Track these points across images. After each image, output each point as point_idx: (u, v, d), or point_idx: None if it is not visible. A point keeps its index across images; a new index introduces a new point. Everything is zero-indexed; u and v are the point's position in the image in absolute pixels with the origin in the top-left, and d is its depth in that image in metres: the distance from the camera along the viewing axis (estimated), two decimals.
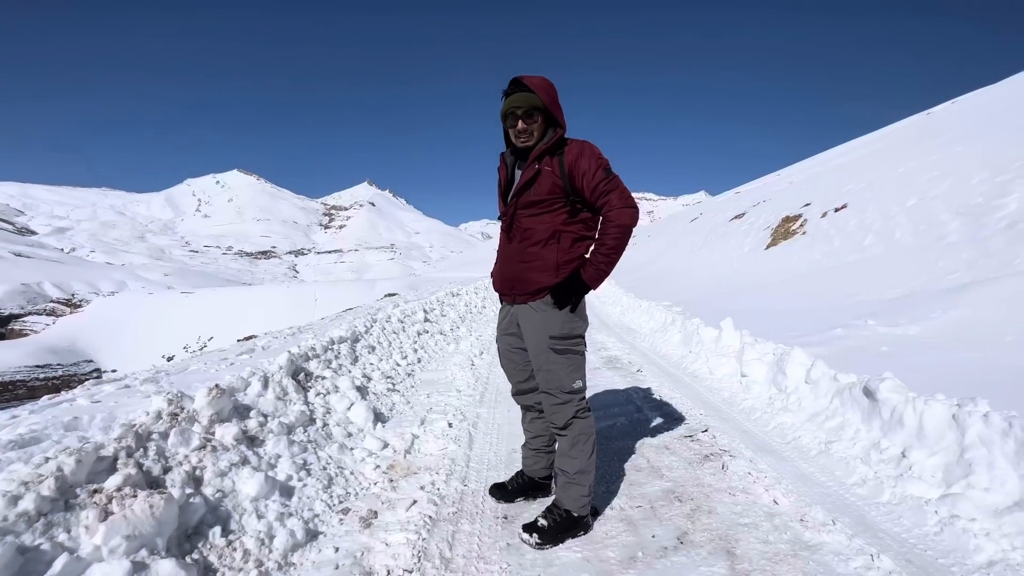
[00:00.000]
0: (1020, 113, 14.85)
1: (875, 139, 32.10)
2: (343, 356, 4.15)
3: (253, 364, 3.42)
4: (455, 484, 2.49)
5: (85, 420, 2.21)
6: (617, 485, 2.44)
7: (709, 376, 4.32)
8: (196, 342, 33.46)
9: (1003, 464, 2.08)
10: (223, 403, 2.43)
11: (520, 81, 1.86)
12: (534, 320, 1.99)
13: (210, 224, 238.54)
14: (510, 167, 2.03)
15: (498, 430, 3.25)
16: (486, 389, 4.21)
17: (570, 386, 1.99)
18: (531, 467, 2.31)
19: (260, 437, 2.48)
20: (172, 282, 64.92)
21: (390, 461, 2.74)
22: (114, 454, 1.86)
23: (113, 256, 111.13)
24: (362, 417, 3.13)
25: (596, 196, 1.85)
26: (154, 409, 2.24)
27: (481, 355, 5.61)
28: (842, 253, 10.85)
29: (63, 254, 75.64)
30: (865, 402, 2.82)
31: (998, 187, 9.21)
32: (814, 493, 2.30)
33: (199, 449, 2.15)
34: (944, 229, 8.93)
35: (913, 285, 7.24)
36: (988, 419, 2.22)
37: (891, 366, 3.40)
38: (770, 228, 15.98)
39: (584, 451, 2.00)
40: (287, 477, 2.30)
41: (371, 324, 5.49)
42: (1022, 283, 4.95)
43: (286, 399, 2.92)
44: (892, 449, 2.50)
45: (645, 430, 3.16)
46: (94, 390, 2.93)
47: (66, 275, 48.33)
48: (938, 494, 2.16)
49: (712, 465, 2.61)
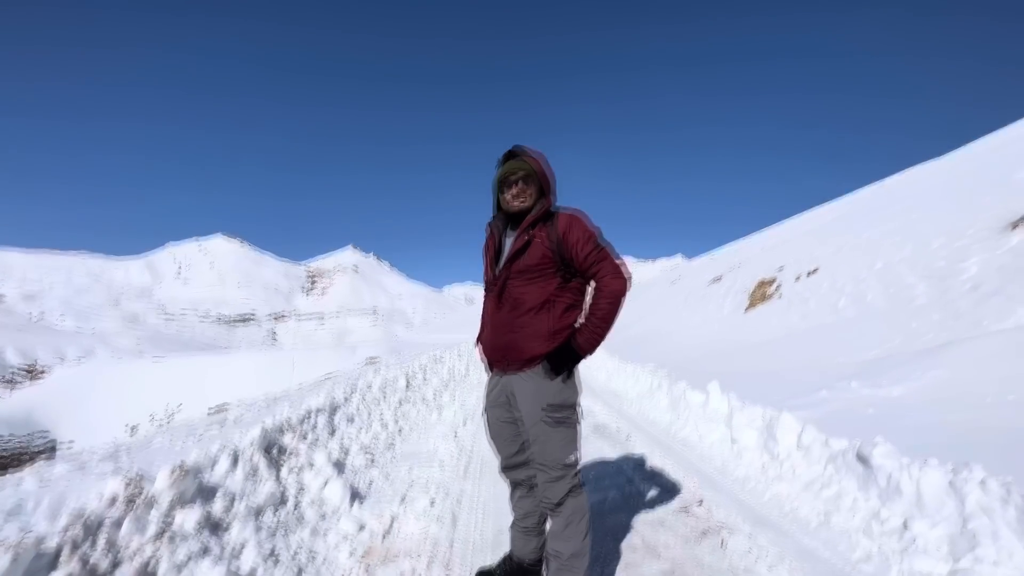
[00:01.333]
0: (966, 183, 16.04)
1: (836, 207, 34.08)
2: (320, 428, 3.95)
3: (223, 438, 3.22)
4: (438, 570, 2.29)
5: (30, 506, 2.01)
6: (612, 567, 2.27)
7: (699, 443, 4.21)
8: (164, 411, 31.76)
9: (1007, 534, 2.02)
10: (186, 484, 2.26)
11: (519, 150, 1.95)
12: (527, 389, 1.93)
13: (190, 289, 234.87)
14: (499, 234, 2.05)
15: (483, 507, 3.06)
16: (470, 461, 4.02)
17: (565, 460, 1.90)
18: (520, 550, 2.15)
19: (225, 522, 2.29)
20: (144, 349, 62.63)
21: (367, 546, 2.52)
22: (57, 547, 1.68)
23: (84, 322, 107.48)
24: (338, 496, 2.93)
25: (587, 265, 1.87)
26: (108, 493, 2.06)
27: (465, 424, 5.41)
28: (818, 315, 11.11)
29: (30, 320, 72.94)
30: (860, 468, 2.76)
31: (957, 251, 9.71)
32: (820, 572, 2.17)
33: (156, 538, 1.95)
34: (912, 292, 9.27)
35: (889, 346, 7.38)
36: (986, 486, 2.18)
37: (879, 429, 3.36)
38: (747, 291, 16.40)
39: (579, 531, 1.88)
40: (251, 569, 2.09)
41: (351, 393, 5.30)
42: (994, 344, 5.08)
43: (256, 477, 2.73)
44: (893, 520, 2.42)
45: (638, 504, 3.01)
46: (44, 471, 2.70)
47: (30, 341, 46.33)
48: (947, 570, 2.06)
49: (710, 542, 2.47)
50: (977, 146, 26.08)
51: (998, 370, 4.45)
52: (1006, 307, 6.93)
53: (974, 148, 25.78)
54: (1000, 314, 6.85)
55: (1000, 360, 4.63)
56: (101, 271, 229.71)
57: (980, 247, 9.34)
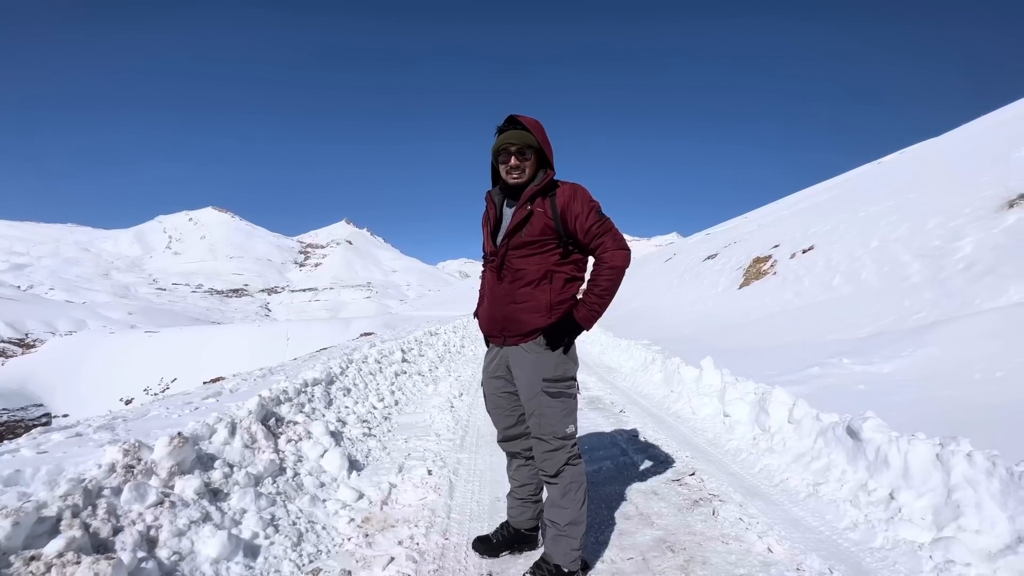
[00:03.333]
0: (964, 163, 15.99)
1: (833, 185, 33.97)
2: (317, 399, 3.97)
3: (220, 408, 3.22)
4: (435, 538, 2.33)
5: (28, 473, 2.01)
6: (607, 535, 2.33)
7: (692, 416, 4.28)
8: (158, 384, 31.82)
9: (991, 505, 2.07)
10: (185, 453, 2.26)
11: (515, 119, 1.89)
12: (526, 362, 1.93)
13: (181, 261, 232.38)
14: (499, 206, 2.01)
15: (480, 477, 3.11)
16: (466, 433, 4.07)
17: (563, 431, 1.91)
18: (517, 518, 2.19)
19: (224, 490, 2.30)
20: (136, 321, 62.32)
21: (365, 513, 2.57)
22: (58, 514, 1.69)
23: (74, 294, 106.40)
24: (336, 465, 2.96)
25: (589, 238, 1.85)
26: (107, 461, 2.06)
27: (461, 396, 5.46)
28: (812, 293, 11.20)
29: (19, 291, 72.17)
30: (849, 442, 2.81)
31: (952, 231, 9.75)
32: (807, 539, 2.24)
33: (156, 505, 1.96)
34: (906, 270, 9.34)
35: (882, 324, 7.47)
36: (972, 459, 2.23)
37: (870, 404, 3.42)
38: (742, 268, 16.45)
39: (575, 500, 1.91)
40: (252, 535, 2.12)
41: (347, 365, 5.31)
42: (985, 322, 5.15)
43: (255, 447, 2.74)
44: (880, 491, 2.48)
45: (632, 474, 3.06)
46: (41, 439, 2.69)
47: (20, 313, 45.93)
48: (930, 538, 2.13)
49: (702, 511, 2.53)
50: (978, 124, 25.89)
51: (988, 347, 4.52)
52: (999, 286, 7.00)
53: (975, 126, 25.60)
54: (992, 292, 6.92)
55: (990, 338, 4.70)
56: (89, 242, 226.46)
57: (976, 226, 9.38)
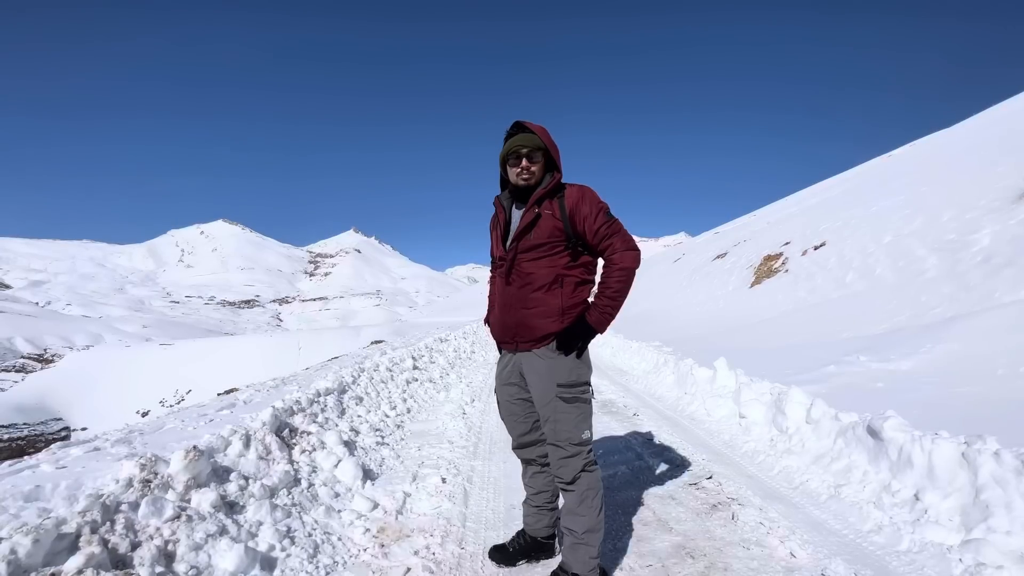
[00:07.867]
0: (976, 155, 15.72)
1: (841, 180, 33.57)
2: (330, 409, 3.97)
3: (234, 420, 3.24)
4: (451, 547, 2.31)
5: (48, 489, 2.02)
6: (624, 541, 2.29)
7: (707, 418, 4.22)
8: (174, 396, 32.21)
9: (1021, 504, 2.01)
10: (201, 466, 2.27)
11: (522, 124, 1.91)
12: (540, 368, 1.91)
13: (193, 274, 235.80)
14: (508, 210, 2.01)
15: (495, 484, 3.09)
16: (479, 439, 4.05)
17: (579, 437, 1.89)
18: (533, 526, 2.17)
19: (240, 502, 2.31)
20: (151, 334, 63.23)
21: (380, 523, 2.56)
22: (77, 530, 1.70)
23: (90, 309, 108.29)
24: (350, 475, 2.95)
25: (598, 240, 1.84)
26: (124, 476, 2.07)
27: (472, 403, 5.45)
28: (825, 290, 11.05)
29: (37, 308, 73.59)
30: (870, 442, 2.75)
31: (968, 224, 9.58)
32: (831, 543, 2.19)
33: (173, 520, 1.97)
34: (922, 265, 9.18)
35: (898, 320, 7.34)
36: (1000, 457, 2.17)
37: (889, 403, 3.36)
38: (753, 267, 16.29)
39: (593, 507, 1.88)
40: (269, 547, 2.12)
41: (358, 374, 5.32)
42: (1006, 316, 5.03)
43: (269, 458, 2.75)
44: (904, 491, 2.42)
45: (648, 479, 3.03)
46: (60, 454, 2.72)
47: (39, 329, 46.80)
48: (959, 540, 2.07)
49: (721, 515, 2.49)
50: (990, 114, 25.46)
51: (1010, 341, 4.41)
52: (1019, 278, 6.85)
53: (988, 116, 25.18)
54: (1013, 285, 6.77)
55: (1012, 332, 4.59)
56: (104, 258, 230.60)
57: (992, 218, 9.20)
